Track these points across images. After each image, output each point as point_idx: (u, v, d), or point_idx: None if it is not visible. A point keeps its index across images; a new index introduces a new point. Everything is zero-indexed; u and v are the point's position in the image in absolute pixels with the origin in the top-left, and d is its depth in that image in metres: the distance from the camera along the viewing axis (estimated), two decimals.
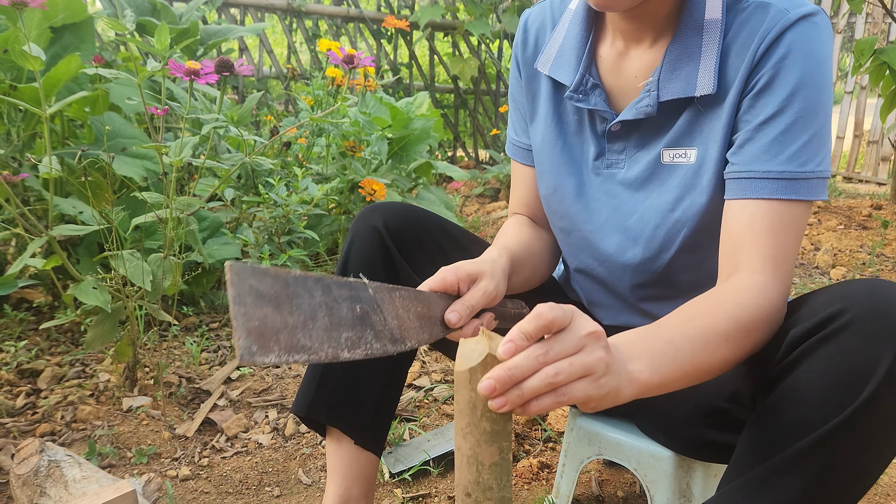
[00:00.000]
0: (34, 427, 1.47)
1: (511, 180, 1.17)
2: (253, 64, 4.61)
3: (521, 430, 1.56)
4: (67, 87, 1.98)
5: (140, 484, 1.27)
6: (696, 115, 0.92)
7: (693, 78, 0.89)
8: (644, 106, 0.93)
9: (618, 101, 0.99)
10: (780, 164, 0.83)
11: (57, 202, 1.73)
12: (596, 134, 1.01)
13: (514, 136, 1.14)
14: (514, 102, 1.13)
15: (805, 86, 0.83)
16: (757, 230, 0.84)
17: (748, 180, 0.85)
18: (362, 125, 2.40)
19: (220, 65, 1.44)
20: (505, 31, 5.04)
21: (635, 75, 0.96)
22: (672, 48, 0.91)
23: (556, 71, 1.01)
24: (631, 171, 0.98)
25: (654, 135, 0.96)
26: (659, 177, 0.96)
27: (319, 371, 1.03)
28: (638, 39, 0.95)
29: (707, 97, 0.89)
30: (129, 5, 2.79)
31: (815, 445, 0.71)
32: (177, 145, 1.46)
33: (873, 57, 3.21)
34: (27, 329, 1.89)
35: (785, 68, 0.83)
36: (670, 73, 0.91)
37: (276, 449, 1.47)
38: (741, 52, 0.87)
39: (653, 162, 0.96)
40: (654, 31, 0.93)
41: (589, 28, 1.00)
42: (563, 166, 1.04)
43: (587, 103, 0.98)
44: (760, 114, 0.85)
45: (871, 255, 3.00)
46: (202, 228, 2.05)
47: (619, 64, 0.97)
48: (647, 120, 0.95)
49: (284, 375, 1.79)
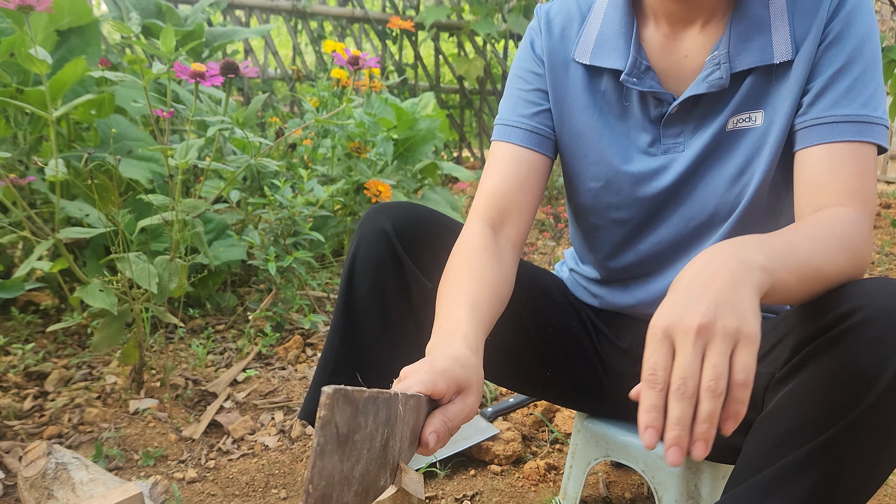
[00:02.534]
0: (41, 429, 1.48)
1: (486, 170, 1.03)
2: (258, 65, 4.62)
3: (529, 431, 1.56)
4: (73, 90, 1.99)
5: (147, 486, 1.27)
6: (760, 80, 0.92)
7: (768, 46, 0.91)
8: (717, 78, 0.92)
9: (669, 82, 0.98)
10: (857, 107, 0.86)
11: (63, 205, 1.73)
12: (649, 119, 0.99)
13: (511, 117, 1.04)
14: (521, 86, 1.06)
15: (868, 38, 0.88)
16: (840, 172, 0.85)
17: (829, 125, 0.87)
18: (368, 126, 2.40)
19: (225, 67, 1.44)
20: (510, 31, 5.03)
21: (686, 55, 0.96)
22: (737, 19, 0.92)
23: (599, 58, 1.00)
24: (692, 150, 0.97)
25: (717, 107, 0.95)
26: (724, 145, 0.96)
27: (327, 376, 1.03)
28: (686, 22, 0.96)
29: (783, 63, 0.91)
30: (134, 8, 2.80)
31: (821, 448, 0.71)
32: (182, 147, 1.46)
33: (882, 55, 3.19)
34: (34, 332, 1.90)
35: (853, 21, 0.88)
36: (740, 43, 0.91)
37: (283, 451, 1.47)
38: (808, 14, 0.89)
39: (717, 133, 0.96)
40: (704, 12, 0.94)
41: (632, 12, 0.99)
42: (616, 156, 1.01)
43: (643, 85, 0.97)
44: (834, 63, 0.88)
45: (880, 253, 2.99)
46: (208, 230, 2.05)
47: (667, 46, 0.97)
48: (706, 95, 0.94)
49: (290, 378, 1.79)
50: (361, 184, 2.36)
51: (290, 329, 2.06)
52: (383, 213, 1.00)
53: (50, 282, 1.94)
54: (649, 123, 0.99)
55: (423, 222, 1.01)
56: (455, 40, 5.16)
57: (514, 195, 0.99)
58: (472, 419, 0.73)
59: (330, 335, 1.04)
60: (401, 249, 0.97)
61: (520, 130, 1.03)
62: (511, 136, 1.03)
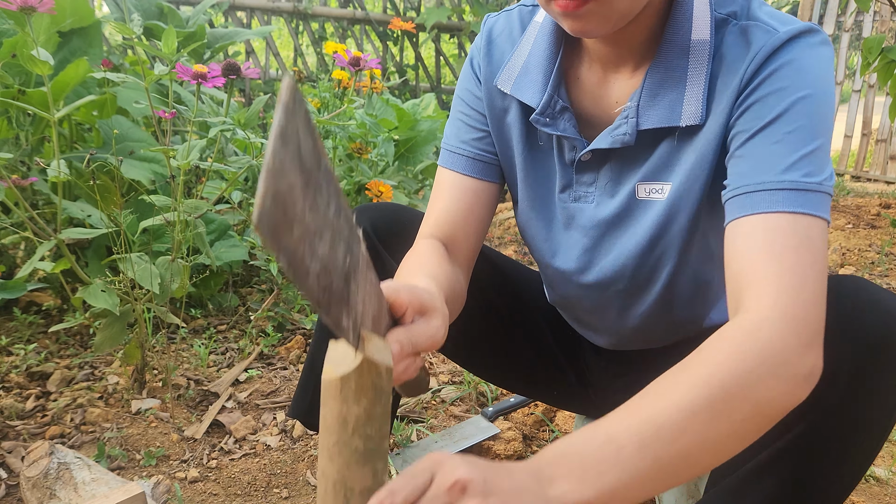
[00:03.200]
0: (44, 429, 1.48)
1: (433, 195, 0.99)
2: (259, 67, 4.62)
3: (529, 431, 1.56)
4: (76, 91, 1.99)
5: (149, 486, 1.27)
6: (672, 145, 0.83)
7: (678, 105, 0.80)
8: (621, 134, 0.83)
9: (590, 128, 0.89)
10: (785, 172, 0.71)
11: (66, 206, 1.74)
12: (563, 163, 0.92)
13: (454, 143, 0.99)
14: (463, 109, 1.00)
15: (805, 99, 0.72)
16: (766, 252, 0.68)
17: (751, 195, 0.72)
18: (369, 127, 2.41)
19: (226, 68, 1.45)
20: None
21: (616, 101, 0.87)
22: (653, 71, 0.81)
23: (519, 90, 0.91)
24: (603, 208, 0.90)
25: (629, 167, 0.87)
26: (634, 214, 0.88)
27: (315, 374, 1.04)
28: (617, 66, 0.86)
29: (692, 127, 0.80)
30: (136, 9, 2.81)
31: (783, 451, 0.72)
32: (184, 148, 1.47)
33: (881, 55, 3.19)
34: (36, 332, 1.90)
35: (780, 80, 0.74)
36: (651, 98, 0.81)
37: (285, 451, 1.48)
38: (728, 76, 0.77)
39: (628, 197, 0.88)
40: (634, 57, 0.84)
41: (558, 44, 0.89)
42: (536, 198, 0.96)
43: (555, 128, 0.88)
44: (757, 122, 0.74)
45: (879, 254, 2.99)
46: (210, 231, 2.05)
47: (598, 90, 0.88)
48: (621, 150, 0.86)
49: (292, 378, 1.79)
50: (363, 184, 2.37)
51: (292, 329, 2.07)
52: (364, 213, 1.03)
53: (52, 282, 1.94)
54: (564, 167, 0.92)
55: (401, 218, 1.04)
56: (456, 41, 5.16)
57: (460, 222, 0.95)
58: (437, 347, 0.66)
59: (316, 333, 1.06)
60: (379, 245, 1.00)
61: (462, 157, 0.98)
62: (454, 164, 0.98)
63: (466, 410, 1.66)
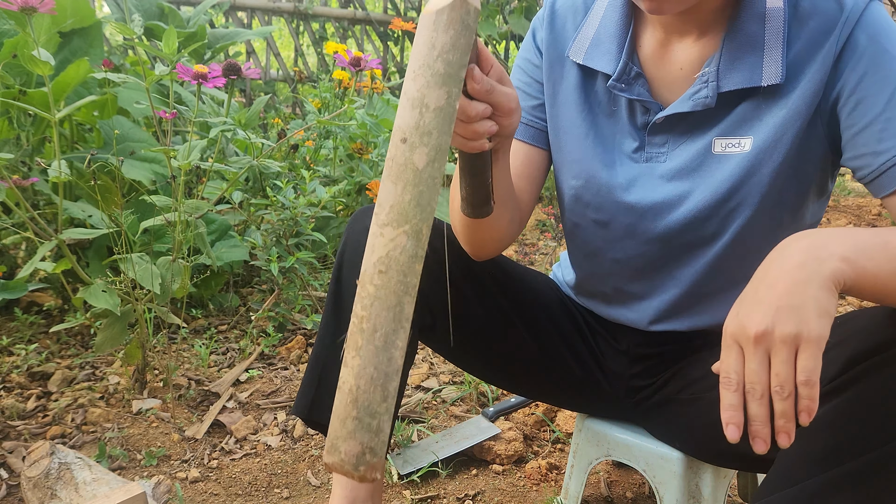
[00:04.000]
0: (45, 430, 1.48)
1: None
2: (260, 67, 4.62)
3: (530, 431, 1.56)
4: (76, 91, 1.99)
5: (150, 486, 1.27)
6: (755, 104, 0.89)
7: (758, 67, 0.87)
8: (703, 97, 0.90)
9: (660, 91, 0.95)
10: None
11: (66, 206, 1.74)
12: (635, 125, 0.97)
13: None
14: (522, 77, 1.06)
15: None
16: None
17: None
18: (370, 127, 2.41)
19: (227, 68, 1.45)
20: (511, 33, 5.03)
21: (681, 67, 0.93)
22: (730, 37, 0.88)
23: (592, 59, 0.97)
24: (673, 162, 0.95)
25: (704, 125, 0.92)
26: (709, 167, 0.93)
27: (319, 370, 1.03)
28: (682, 33, 0.93)
29: (773, 87, 0.87)
30: (137, 9, 2.81)
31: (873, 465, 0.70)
32: (185, 149, 1.47)
33: None
34: (37, 332, 1.90)
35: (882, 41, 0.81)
36: (730, 62, 0.88)
37: (285, 451, 1.48)
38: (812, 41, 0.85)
39: (702, 152, 0.93)
40: (700, 25, 0.91)
41: (630, 14, 0.96)
42: (597, 157, 0.99)
43: (630, 93, 0.94)
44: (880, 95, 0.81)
45: None
46: (211, 231, 2.06)
47: (661, 54, 0.95)
48: (693, 113, 0.92)
49: (293, 378, 1.79)
50: (363, 185, 2.37)
51: (293, 329, 2.07)
52: (369, 213, 1.01)
53: (53, 283, 1.95)
54: (636, 130, 0.97)
55: None
56: None
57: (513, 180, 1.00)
58: (510, 112, 0.76)
59: (320, 333, 1.05)
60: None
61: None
62: None
63: (467, 410, 1.66)
